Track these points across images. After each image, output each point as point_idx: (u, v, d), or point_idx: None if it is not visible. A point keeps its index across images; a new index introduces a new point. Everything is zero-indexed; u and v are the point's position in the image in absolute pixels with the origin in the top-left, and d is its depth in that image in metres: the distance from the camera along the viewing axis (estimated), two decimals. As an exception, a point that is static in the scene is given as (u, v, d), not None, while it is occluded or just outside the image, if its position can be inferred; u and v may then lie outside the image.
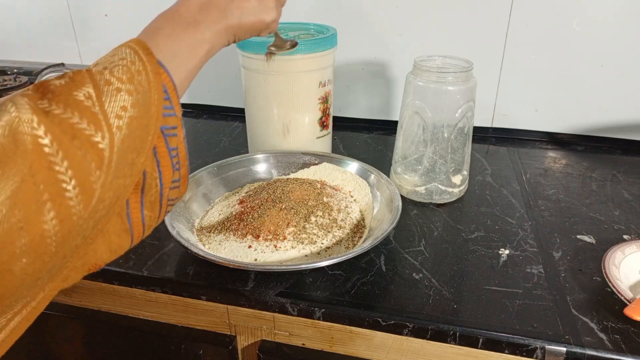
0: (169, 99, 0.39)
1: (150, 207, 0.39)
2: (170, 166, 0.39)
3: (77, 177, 0.31)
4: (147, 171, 0.37)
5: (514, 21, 0.91)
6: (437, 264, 0.62)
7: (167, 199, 0.41)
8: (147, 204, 0.39)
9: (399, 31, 0.97)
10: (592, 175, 0.85)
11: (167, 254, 0.64)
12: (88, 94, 0.33)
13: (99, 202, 0.33)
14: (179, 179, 0.41)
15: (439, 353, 0.56)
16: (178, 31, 0.42)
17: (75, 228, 0.32)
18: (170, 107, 0.39)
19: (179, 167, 0.41)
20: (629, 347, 0.49)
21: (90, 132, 0.32)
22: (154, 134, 0.37)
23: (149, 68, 0.38)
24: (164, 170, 0.39)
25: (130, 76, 0.36)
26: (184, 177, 0.42)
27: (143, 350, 0.69)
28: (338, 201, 0.71)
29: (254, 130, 0.86)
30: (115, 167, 0.33)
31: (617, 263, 0.59)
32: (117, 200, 0.35)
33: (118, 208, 0.36)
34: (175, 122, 0.39)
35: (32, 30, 1.17)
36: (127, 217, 0.37)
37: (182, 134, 0.40)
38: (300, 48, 0.74)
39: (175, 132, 0.39)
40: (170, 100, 0.39)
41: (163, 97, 0.38)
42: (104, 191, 0.33)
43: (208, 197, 0.75)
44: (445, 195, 0.76)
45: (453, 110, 0.71)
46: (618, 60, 0.91)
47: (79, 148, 0.31)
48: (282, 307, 0.56)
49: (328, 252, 0.63)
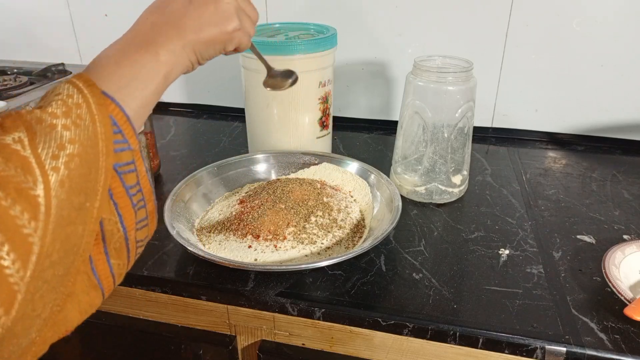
0: (120, 132, 0.35)
1: (117, 255, 0.35)
2: (130, 206, 0.35)
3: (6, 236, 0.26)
4: (104, 217, 0.34)
5: (514, 21, 0.91)
6: (437, 264, 0.62)
7: (136, 241, 0.37)
8: (112, 252, 0.35)
9: (399, 31, 0.97)
10: (592, 175, 0.85)
11: (167, 254, 0.64)
12: (18, 137, 0.29)
13: (44, 257, 0.28)
14: (146, 217, 0.38)
15: (439, 353, 0.56)
16: (128, 56, 0.38)
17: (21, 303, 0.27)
18: (123, 140, 0.35)
19: (144, 205, 0.37)
20: (629, 347, 0.50)
21: (19, 179, 0.28)
22: (105, 174, 0.33)
23: (91, 100, 0.33)
24: (124, 213, 0.35)
25: (66, 110, 0.32)
26: (151, 214, 0.38)
27: (143, 350, 0.69)
28: (338, 201, 0.71)
29: (254, 130, 0.86)
30: (57, 214, 0.29)
31: (617, 263, 0.59)
32: (72, 254, 0.31)
33: (82, 266, 0.33)
34: (130, 157, 0.35)
35: (32, 30, 1.17)
36: (93, 272, 0.34)
37: (143, 167, 0.36)
38: (300, 48, 0.74)
39: (132, 168, 0.35)
40: (122, 134, 0.35)
41: (112, 131, 0.34)
42: (45, 244, 0.28)
43: (208, 197, 0.75)
44: (445, 195, 0.76)
45: (453, 110, 0.71)
46: (618, 60, 0.91)
47: (3, 199, 0.27)
48: (282, 307, 0.56)
49: (328, 252, 0.63)
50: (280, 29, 0.87)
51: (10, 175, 0.27)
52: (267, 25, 0.88)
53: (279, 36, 0.83)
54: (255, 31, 0.51)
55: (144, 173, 0.37)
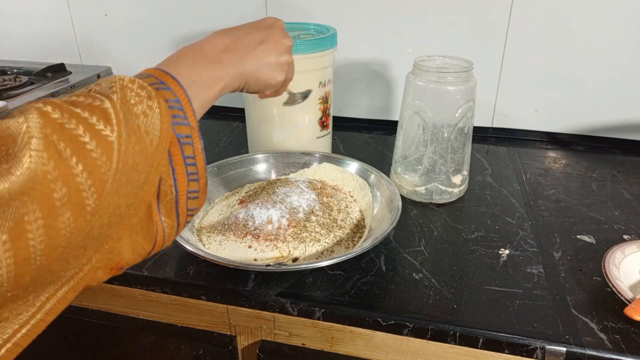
0: (182, 109, 0.39)
1: (167, 214, 0.39)
2: (185, 174, 0.40)
3: (93, 135, 0.31)
4: (163, 177, 0.38)
5: (514, 21, 0.91)
6: (437, 264, 0.62)
7: (187, 209, 0.41)
8: (163, 210, 0.39)
9: (399, 31, 0.97)
10: (592, 175, 0.85)
11: (167, 254, 0.64)
12: None
13: (122, 164, 0.33)
14: (198, 190, 0.42)
15: (439, 353, 0.56)
16: (200, 64, 0.44)
17: (105, 185, 0.32)
18: (183, 117, 0.39)
19: (197, 178, 0.41)
20: (629, 347, 0.50)
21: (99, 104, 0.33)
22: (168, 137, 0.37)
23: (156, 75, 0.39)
24: (179, 179, 0.39)
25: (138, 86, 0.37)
26: (202, 188, 0.42)
27: (143, 350, 0.69)
28: (338, 201, 0.71)
29: (254, 130, 0.86)
30: (126, 141, 0.34)
31: (617, 263, 0.59)
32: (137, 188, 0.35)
33: (142, 206, 0.36)
34: (189, 131, 0.40)
35: (32, 30, 1.17)
36: (151, 217, 0.38)
37: (199, 144, 0.41)
38: (300, 48, 0.74)
39: (190, 141, 0.40)
40: (183, 111, 0.39)
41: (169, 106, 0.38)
42: (121, 153, 0.33)
43: (208, 197, 0.75)
44: (445, 195, 0.76)
45: (453, 110, 0.71)
46: (618, 60, 0.91)
47: (88, 118, 0.32)
48: (282, 307, 0.56)
49: (328, 252, 0.63)
50: (280, 29, 0.87)
51: (95, 104, 0.33)
52: (267, 25, 0.88)
53: (279, 36, 0.83)
54: None
55: (200, 150, 0.41)
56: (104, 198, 0.32)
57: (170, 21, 1.06)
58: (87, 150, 0.31)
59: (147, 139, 0.35)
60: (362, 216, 0.71)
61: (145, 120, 0.36)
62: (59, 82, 1.01)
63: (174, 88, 0.40)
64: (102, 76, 1.08)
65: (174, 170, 0.39)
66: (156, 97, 0.37)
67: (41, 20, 1.14)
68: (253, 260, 0.61)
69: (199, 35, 1.06)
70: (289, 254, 0.62)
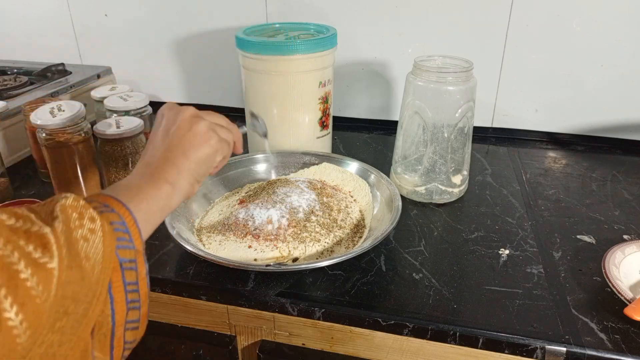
0: (127, 232, 0.37)
1: (100, 348, 0.36)
2: (124, 303, 0.37)
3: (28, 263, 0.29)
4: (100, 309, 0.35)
5: (514, 21, 0.91)
6: (437, 264, 0.62)
7: (124, 342, 0.38)
8: (96, 344, 0.35)
9: (399, 31, 0.97)
10: (592, 175, 0.85)
11: (167, 254, 0.64)
12: None
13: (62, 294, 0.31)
14: (138, 319, 0.39)
15: (439, 353, 0.56)
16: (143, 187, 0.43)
17: (41, 318, 0.29)
18: (128, 239, 0.37)
19: (138, 306, 0.38)
20: (629, 347, 0.50)
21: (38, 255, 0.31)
22: (110, 265, 0.35)
23: (99, 200, 0.38)
24: (117, 307, 0.36)
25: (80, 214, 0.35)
26: (143, 316, 0.40)
27: (143, 350, 0.69)
28: (338, 201, 0.71)
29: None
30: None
31: (617, 263, 0.59)
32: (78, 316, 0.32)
33: (83, 339, 0.33)
34: (133, 255, 0.37)
35: (32, 30, 1.17)
36: None
37: (144, 269, 0.38)
38: (300, 48, 0.74)
39: (134, 266, 0.37)
40: (128, 233, 0.37)
41: (114, 229, 0.36)
42: (61, 281, 0.31)
43: (208, 197, 0.75)
44: (445, 195, 0.76)
45: (453, 110, 0.71)
46: (618, 60, 0.91)
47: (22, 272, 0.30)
48: (282, 307, 0.56)
49: (328, 252, 0.63)
50: (280, 29, 0.87)
51: (33, 230, 0.31)
52: (267, 25, 0.88)
53: (279, 36, 0.83)
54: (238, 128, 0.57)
55: (144, 275, 0.38)
56: (38, 334, 0.29)
57: (170, 21, 1.06)
58: (20, 280, 0.28)
59: (88, 266, 0.33)
60: (362, 216, 0.71)
61: (85, 245, 0.33)
62: (59, 82, 1.01)
63: (119, 210, 0.38)
64: (102, 76, 1.08)
65: (113, 298, 0.36)
66: (100, 220, 0.35)
67: (41, 20, 1.15)
68: (253, 260, 0.61)
69: (199, 35, 1.06)
70: (289, 254, 0.62)
